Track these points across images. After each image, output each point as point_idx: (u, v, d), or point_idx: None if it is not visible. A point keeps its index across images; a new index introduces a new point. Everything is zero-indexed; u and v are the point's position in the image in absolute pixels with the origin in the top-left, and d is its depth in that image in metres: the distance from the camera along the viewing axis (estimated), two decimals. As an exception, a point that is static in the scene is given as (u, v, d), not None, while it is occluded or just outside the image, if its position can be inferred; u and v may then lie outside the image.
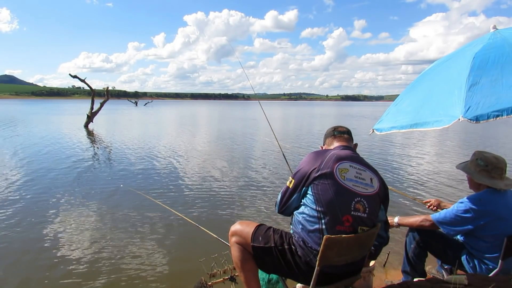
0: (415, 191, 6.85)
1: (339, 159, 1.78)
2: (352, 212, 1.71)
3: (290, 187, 1.84)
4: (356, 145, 2.06)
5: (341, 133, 2.04)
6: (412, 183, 7.54)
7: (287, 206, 1.87)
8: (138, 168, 8.80)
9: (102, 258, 3.91)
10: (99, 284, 3.42)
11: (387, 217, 1.95)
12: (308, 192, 1.76)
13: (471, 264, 2.29)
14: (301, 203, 1.80)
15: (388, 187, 1.94)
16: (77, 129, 19.47)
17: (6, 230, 4.67)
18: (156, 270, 3.67)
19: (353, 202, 1.72)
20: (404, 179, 7.89)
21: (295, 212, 1.85)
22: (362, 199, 1.74)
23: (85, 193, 6.45)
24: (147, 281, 3.47)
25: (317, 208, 1.72)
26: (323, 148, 2.04)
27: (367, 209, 1.74)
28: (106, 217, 5.18)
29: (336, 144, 1.98)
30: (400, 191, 4.28)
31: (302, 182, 1.79)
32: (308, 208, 1.75)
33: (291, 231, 1.89)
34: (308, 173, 1.77)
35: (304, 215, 1.77)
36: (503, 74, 2.04)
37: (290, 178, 1.86)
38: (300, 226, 1.79)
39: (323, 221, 1.70)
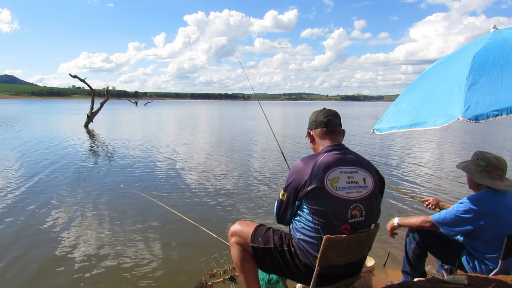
0: (414, 190, 6.85)
1: (328, 167, 1.71)
2: (350, 220, 1.70)
3: (284, 200, 1.81)
4: (344, 132, 1.94)
5: (334, 125, 1.89)
6: (411, 182, 7.53)
7: (285, 217, 1.85)
8: (138, 168, 8.80)
9: (101, 258, 3.91)
10: (98, 284, 3.42)
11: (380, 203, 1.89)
12: (303, 205, 1.73)
13: (471, 264, 2.29)
14: (298, 212, 1.78)
15: (388, 184, 1.92)
16: (77, 129, 19.48)
17: (4, 229, 4.67)
18: (156, 270, 3.67)
19: (349, 210, 1.69)
20: (403, 178, 7.89)
21: (293, 219, 1.84)
22: (357, 204, 1.71)
23: (85, 193, 6.44)
24: (147, 281, 3.46)
25: (314, 220, 1.70)
26: (311, 134, 1.94)
27: (364, 212, 1.73)
28: (106, 217, 5.18)
29: (326, 142, 1.86)
30: (399, 189, 4.29)
31: (294, 196, 1.75)
32: (305, 219, 1.74)
33: (291, 232, 1.89)
34: (299, 187, 1.72)
35: (302, 224, 1.76)
36: (503, 74, 2.04)
37: (282, 190, 1.82)
38: (299, 234, 1.78)
39: (321, 234, 1.69)
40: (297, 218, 1.79)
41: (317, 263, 1.69)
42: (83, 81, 21.13)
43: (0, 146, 12.30)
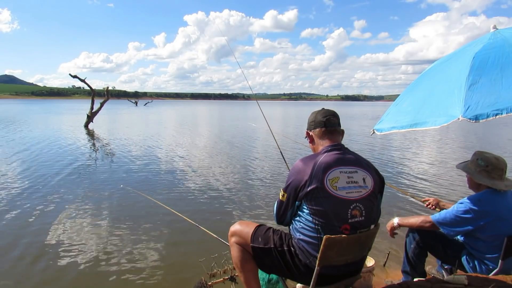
0: (414, 190, 6.85)
1: (328, 167, 1.71)
2: (350, 220, 1.70)
3: (283, 200, 1.80)
4: (343, 132, 1.94)
5: (333, 125, 1.89)
6: (411, 182, 7.53)
7: (285, 218, 1.85)
8: (138, 168, 8.80)
9: (101, 258, 3.91)
10: (98, 284, 3.42)
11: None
12: (303, 205, 1.73)
13: (471, 264, 2.29)
14: (298, 213, 1.78)
15: (388, 184, 1.92)
16: (77, 129, 19.48)
17: (3, 230, 4.67)
18: (156, 270, 3.67)
19: (349, 210, 1.70)
20: (403, 178, 7.89)
21: (292, 219, 1.84)
22: (357, 204, 1.71)
23: (84, 193, 6.44)
24: (147, 281, 3.47)
25: (314, 221, 1.70)
26: (310, 134, 1.94)
27: (363, 211, 1.73)
28: (106, 217, 5.18)
29: (325, 142, 1.86)
30: (399, 188, 4.29)
31: (294, 196, 1.75)
32: (305, 219, 1.74)
33: (290, 232, 1.89)
34: (299, 187, 1.72)
35: (302, 224, 1.76)
36: (503, 74, 2.04)
37: (282, 191, 1.81)
38: (298, 234, 1.78)
39: (321, 234, 1.69)
40: (297, 218, 1.79)
41: (317, 263, 1.69)
42: (83, 81, 21.12)
43: (0, 146, 12.30)
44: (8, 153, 10.79)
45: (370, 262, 2.99)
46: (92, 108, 20.77)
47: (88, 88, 22.05)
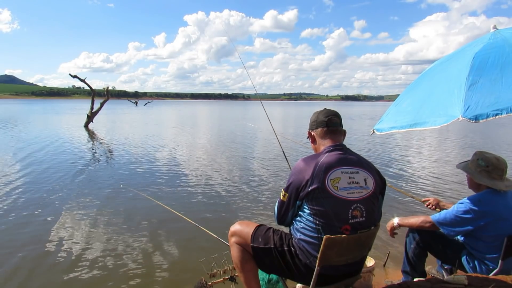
0: (414, 190, 6.85)
1: (329, 167, 1.71)
2: (350, 221, 1.70)
3: (284, 200, 1.80)
4: (345, 132, 1.94)
5: (335, 125, 1.89)
6: (411, 182, 7.53)
7: (286, 218, 1.84)
8: (138, 168, 8.80)
9: (101, 258, 3.90)
10: (97, 284, 3.42)
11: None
12: (304, 206, 1.73)
13: (471, 265, 2.29)
14: (299, 213, 1.78)
15: (388, 184, 1.93)
16: (77, 129, 19.48)
17: (3, 230, 4.67)
18: (156, 270, 3.67)
19: (350, 211, 1.70)
20: (403, 178, 7.89)
21: (293, 220, 1.84)
22: (358, 205, 1.71)
23: (84, 193, 6.44)
24: (147, 281, 3.46)
25: (315, 221, 1.70)
26: (312, 134, 1.94)
27: (364, 212, 1.73)
28: (106, 217, 5.18)
29: (327, 142, 1.86)
30: (399, 189, 4.29)
31: (295, 196, 1.75)
32: (305, 219, 1.74)
33: (291, 232, 1.89)
34: (300, 187, 1.72)
35: (302, 224, 1.76)
36: (503, 74, 2.04)
37: (283, 191, 1.81)
38: (299, 234, 1.78)
39: (322, 234, 1.69)
40: (298, 218, 1.79)
41: (317, 263, 1.69)
42: (83, 81, 21.12)
43: (0, 146, 12.30)
44: (8, 153, 10.78)
45: (370, 262, 2.99)
46: (92, 108, 20.76)
47: (88, 88, 22.04)
